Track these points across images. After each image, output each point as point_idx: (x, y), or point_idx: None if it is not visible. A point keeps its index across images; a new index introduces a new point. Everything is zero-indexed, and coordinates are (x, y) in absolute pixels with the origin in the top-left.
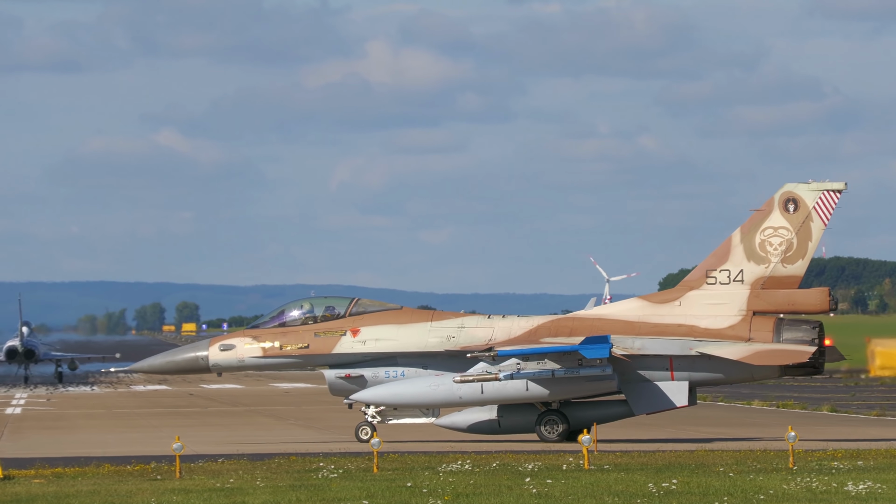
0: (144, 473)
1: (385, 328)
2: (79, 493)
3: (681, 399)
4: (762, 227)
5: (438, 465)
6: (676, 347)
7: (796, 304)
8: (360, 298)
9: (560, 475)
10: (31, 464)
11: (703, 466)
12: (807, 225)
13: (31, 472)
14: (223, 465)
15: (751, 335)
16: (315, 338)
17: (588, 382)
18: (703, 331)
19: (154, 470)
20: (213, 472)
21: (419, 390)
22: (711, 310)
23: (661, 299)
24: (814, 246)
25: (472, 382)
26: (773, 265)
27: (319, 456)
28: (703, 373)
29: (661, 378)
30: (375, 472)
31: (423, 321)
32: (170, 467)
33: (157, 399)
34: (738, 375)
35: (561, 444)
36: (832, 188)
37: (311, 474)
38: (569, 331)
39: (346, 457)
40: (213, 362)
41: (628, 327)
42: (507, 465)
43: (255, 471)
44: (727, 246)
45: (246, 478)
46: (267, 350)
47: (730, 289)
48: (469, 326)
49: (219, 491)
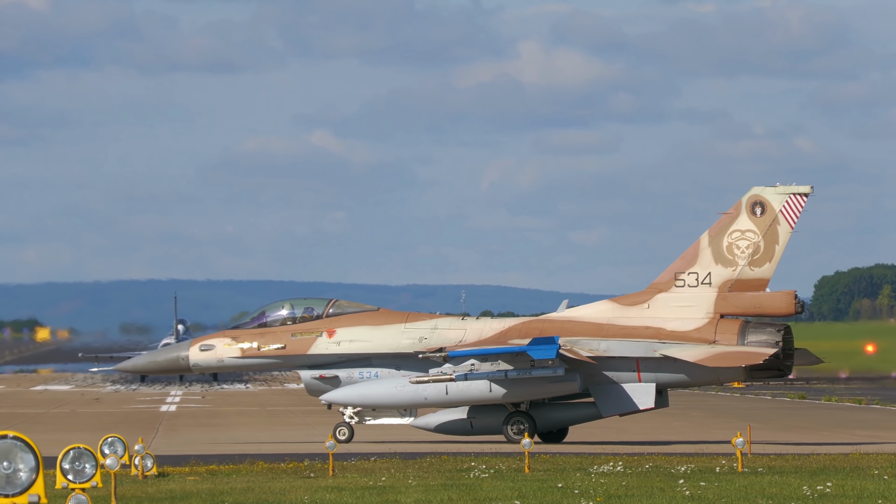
0: (298, 471)
1: (360, 329)
2: (233, 490)
3: (647, 401)
4: (730, 230)
5: (590, 466)
6: (641, 349)
7: (762, 307)
8: (337, 300)
9: (713, 477)
10: (185, 461)
11: (858, 469)
12: (774, 228)
13: (185, 469)
14: (375, 463)
15: (716, 337)
16: (292, 338)
17: (550, 384)
18: (669, 333)
19: (307, 468)
20: (366, 470)
21: (385, 391)
22: (679, 312)
23: (631, 301)
24: (781, 249)
25: (435, 383)
26: (740, 268)
27: (471, 455)
28: (668, 374)
29: (629, 380)
30: (527, 472)
31: (398, 323)
32: (323, 465)
33: (311, 397)
34: (702, 377)
35: (712, 447)
36: (799, 192)
37: (463, 474)
38: (538, 332)
39: (498, 457)
40: (193, 362)
41: (596, 329)
42: (659, 466)
43: (408, 469)
44: (696, 249)
45: (398, 476)
46: (245, 351)
47: (698, 291)
48: (442, 328)
49: (371, 489)
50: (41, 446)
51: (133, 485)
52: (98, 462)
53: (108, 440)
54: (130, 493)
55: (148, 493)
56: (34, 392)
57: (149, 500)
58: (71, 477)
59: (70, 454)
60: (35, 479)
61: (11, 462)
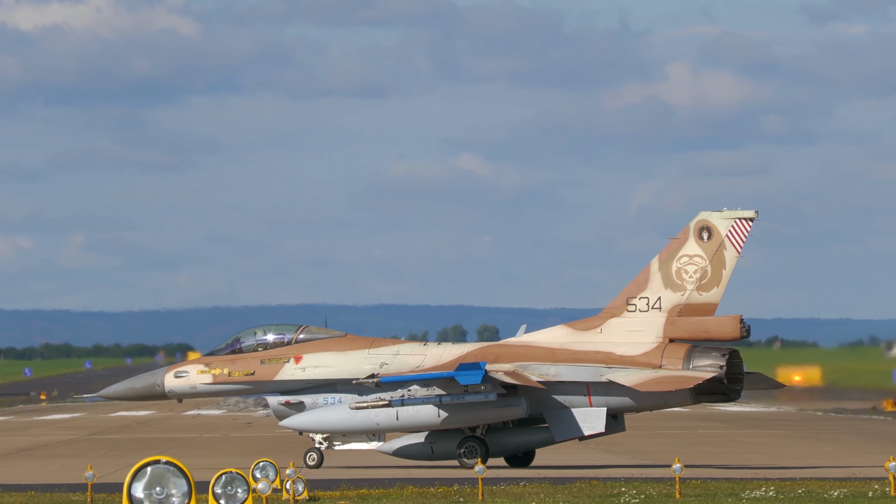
0: (447, 496)
1: (325, 355)
2: None
3: (597, 426)
4: (678, 255)
5: (741, 491)
6: (589, 374)
7: (709, 332)
8: (307, 326)
9: (866, 502)
10: (336, 485)
11: None
12: (720, 253)
13: (336, 494)
14: (525, 488)
15: (662, 362)
16: (261, 365)
17: (494, 409)
18: (618, 358)
19: (457, 492)
20: (515, 495)
21: (339, 417)
22: (630, 337)
23: (584, 326)
24: (728, 273)
25: (386, 408)
26: (688, 293)
27: (621, 481)
28: (617, 398)
29: (580, 404)
30: (678, 497)
31: (362, 349)
32: (472, 490)
33: None
34: (647, 402)
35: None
36: (743, 216)
37: (613, 499)
38: (493, 357)
39: (648, 482)
40: (168, 388)
41: (549, 354)
42: (812, 491)
43: (557, 494)
44: (646, 273)
45: (548, 501)
46: (217, 377)
47: (648, 316)
48: (403, 353)
49: None
50: (193, 471)
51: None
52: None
53: (259, 465)
54: None
55: None
56: (186, 417)
57: None
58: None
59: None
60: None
61: (164, 487)
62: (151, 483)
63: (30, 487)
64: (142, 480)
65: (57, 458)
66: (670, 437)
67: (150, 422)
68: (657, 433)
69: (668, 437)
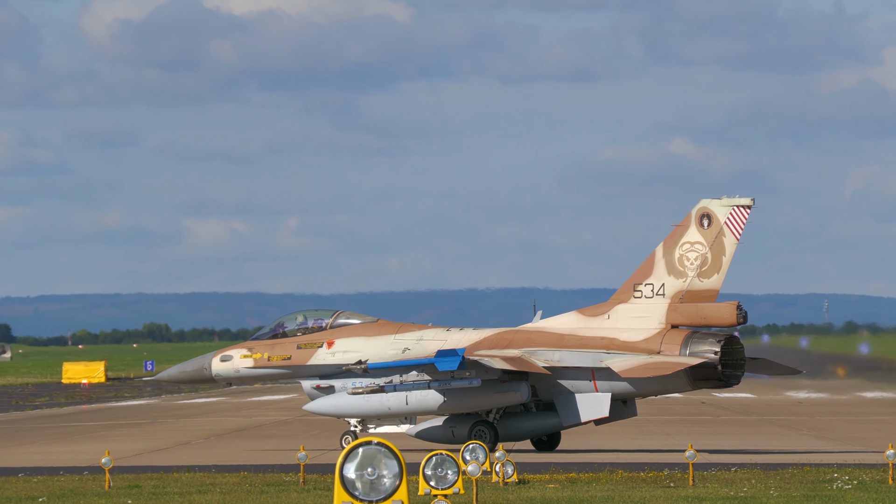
0: (657, 480)
1: (355, 340)
2: (592, 498)
3: (600, 410)
4: (681, 242)
5: None
6: (590, 360)
7: (708, 318)
8: (342, 311)
9: None
10: (545, 468)
11: None
12: (720, 240)
13: (545, 477)
14: (736, 473)
15: (661, 348)
16: (297, 350)
17: (495, 394)
18: (621, 343)
19: (667, 477)
20: (726, 480)
21: (353, 402)
22: (635, 323)
23: (594, 313)
24: (728, 260)
25: (395, 393)
26: (689, 279)
27: (833, 467)
28: (619, 384)
29: (586, 389)
30: (891, 483)
31: (389, 334)
32: (682, 475)
33: (670, 406)
34: (645, 388)
35: None
36: (741, 204)
37: (825, 485)
38: (506, 343)
39: (861, 468)
40: (214, 372)
41: (557, 340)
42: None
43: (769, 480)
44: (652, 260)
45: (759, 487)
46: (257, 361)
47: (652, 302)
48: (427, 339)
49: (732, 499)
50: (404, 453)
51: (494, 491)
52: (460, 468)
53: (469, 447)
54: (491, 500)
55: (508, 499)
56: None
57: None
58: (433, 483)
59: (433, 460)
60: (398, 486)
61: (376, 468)
62: (363, 464)
63: (243, 468)
64: (353, 461)
65: (269, 439)
66: (882, 423)
67: None
68: (870, 419)
69: (881, 423)
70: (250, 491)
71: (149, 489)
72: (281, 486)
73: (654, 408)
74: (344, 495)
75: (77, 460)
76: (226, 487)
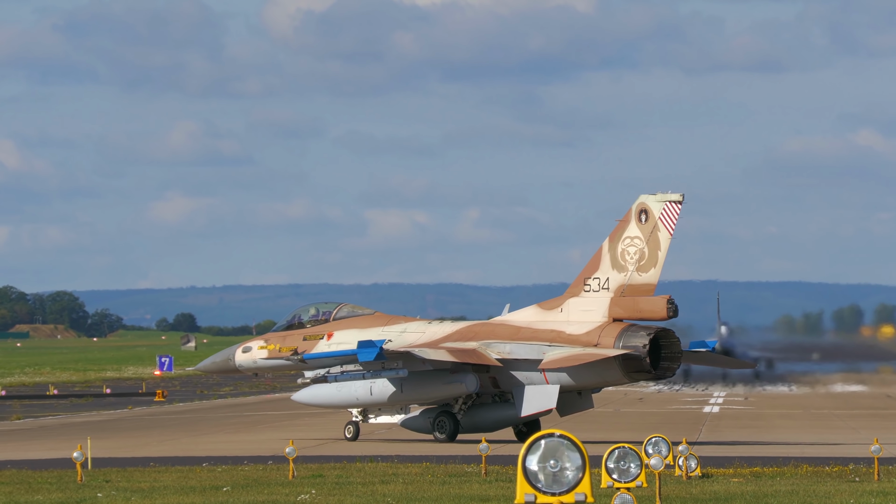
0: (842, 475)
1: (349, 332)
2: (777, 492)
3: (548, 403)
4: (623, 237)
5: None
6: (535, 352)
7: (642, 312)
8: (345, 304)
9: None
10: (729, 462)
11: None
12: (655, 235)
13: (729, 471)
14: None
15: (598, 341)
16: (303, 341)
17: (442, 385)
18: (566, 336)
19: (852, 471)
20: None
21: (328, 392)
22: (582, 316)
23: (550, 306)
24: (663, 255)
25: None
26: (630, 273)
27: None
28: (562, 375)
29: (538, 381)
30: None
31: (379, 326)
32: (868, 469)
33: (856, 401)
34: (584, 380)
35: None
36: (672, 199)
37: None
38: (472, 335)
39: None
40: (237, 363)
41: (514, 333)
42: None
43: None
44: (599, 254)
45: None
46: (271, 352)
47: (599, 296)
48: (409, 331)
49: None
50: (586, 446)
51: (677, 485)
52: (643, 462)
53: (652, 440)
54: (674, 494)
55: (692, 493)
56: None
57: (693, 500)
58: (616, 476)
59: (615, 453)
60: (581, 478)
61: (558, 461)
62: (545, 456)
63: (425, 458)
64: (536, 453)
65: None
66: None
67: None
68: None
69: None
70: (432, 482)
71: (332, 479)
72: (463, 478)
73: (840, 402)
74: (527, 487)
75: (261, 449)
76: (408, 478)
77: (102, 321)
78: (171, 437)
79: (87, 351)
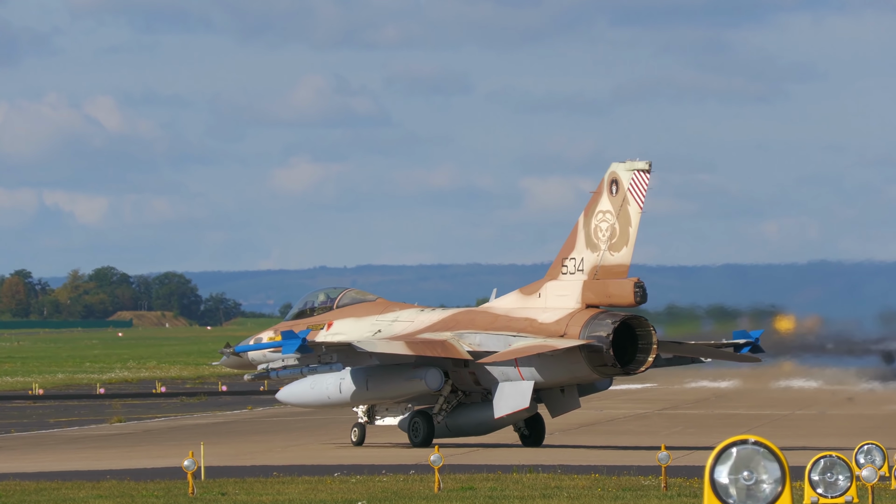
0: None
1: (346, 322)
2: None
3: (520, 402)
4: (595, 211)
5: None
6: (501, 344)
7: (612, 297)
8: (348, 290)
9: None
10: None
11: None
12: (625, 208)
13: None
14: None
15: (566, 330)
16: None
17: (404, 382)
18: (538, 326)
19: None
20: None
21: (302, 390)
22: (557, 302)
23: (529, 291)
24: (634, 232)
25: (263, 378)
26: (602, 253)
27: None
28: (531, 370)
29: (513, 377)
30: None
31: (374, 314)
32: None
33: None
34: (553, 377)
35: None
36: (639, 168)
37: None
38: (453, 325)
39: None
40: (250, 357)
41: (491, 321)
42: None
43: None
44: (574, 232)
45: None
46: None
47: (573, 279)
48: (400, 320)
49: None
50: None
51: (893, 500)
52: (853, 473)
53: (863, 448)
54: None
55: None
56: (776, 390)
57: None
58: (821, 490)
59: (820, 464)
60: (781, 493)
61: (753, 472)
62: (738, 466)
63: (594, 469)
64: (727, 463)
65: (627, 436)
66: None
67: (733, 394)
68: None
69: None
70: (603, 496)
71: (484, 491)
72: (639, 492)
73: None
74: (716, 502)
75: (401, 457)
76: (574, 491)
77: (217, 307)
78: (296, 441)
79: (199, 342)
